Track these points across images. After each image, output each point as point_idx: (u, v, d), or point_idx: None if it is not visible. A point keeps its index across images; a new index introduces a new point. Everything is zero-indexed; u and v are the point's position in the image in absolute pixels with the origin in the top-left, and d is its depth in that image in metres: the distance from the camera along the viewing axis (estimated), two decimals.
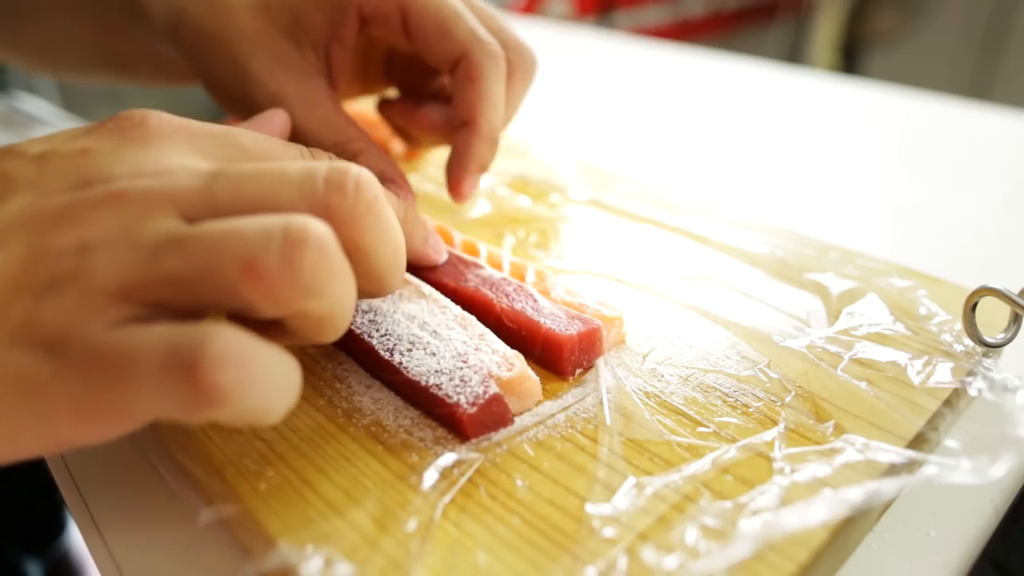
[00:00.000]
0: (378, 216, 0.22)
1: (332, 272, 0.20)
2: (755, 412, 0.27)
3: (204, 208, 0.21)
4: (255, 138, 0.25)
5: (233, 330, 0.18)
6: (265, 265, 0.19)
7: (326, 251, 0.19)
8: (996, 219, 0.52)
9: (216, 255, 0.19)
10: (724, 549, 0.21)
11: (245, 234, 0.19)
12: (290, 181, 0.22)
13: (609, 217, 0.43)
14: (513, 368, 0.27)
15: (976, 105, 0.73)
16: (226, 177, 0.22)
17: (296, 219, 0.19)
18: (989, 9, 2.32)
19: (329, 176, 0.22)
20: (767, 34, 2.70)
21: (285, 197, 0.21)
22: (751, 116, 0.74)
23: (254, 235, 0.19)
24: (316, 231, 0.19)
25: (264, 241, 0.19)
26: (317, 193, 0.21)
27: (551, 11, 2.02)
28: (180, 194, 0.21)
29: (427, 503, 0.23)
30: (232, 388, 0.18)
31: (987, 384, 0.28)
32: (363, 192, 0.22)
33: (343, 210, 0.21)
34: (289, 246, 0.19)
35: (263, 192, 0.21)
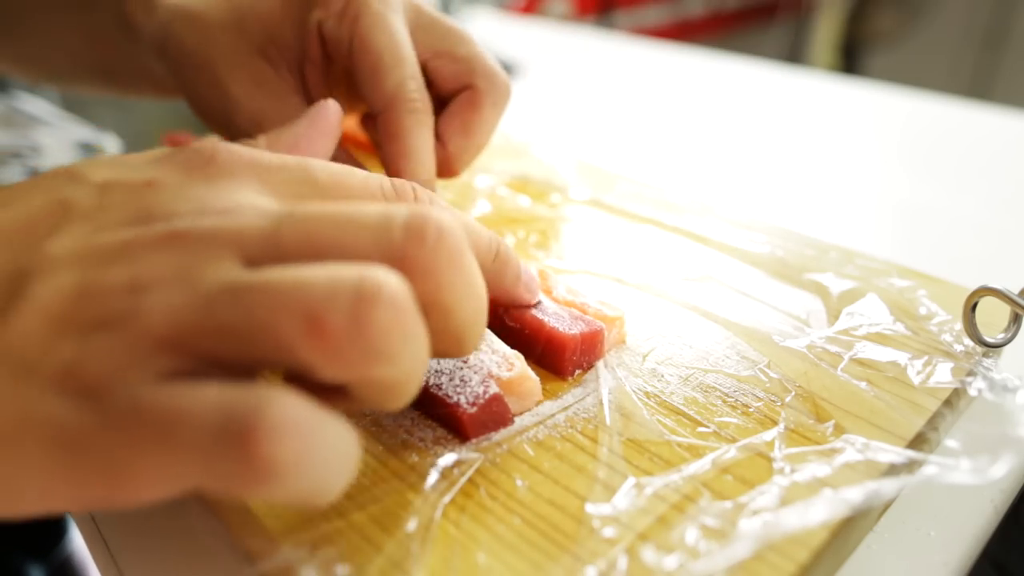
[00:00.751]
0: (460, 269, 0.20)
1: (406, 334, 0.18)
2: (755, 412, 0.27)
3: (269, 252, 0.19)
4: (331, 171, 0.23)
5: (294, 396, 0.17)
6: (331, 323, 0.17)
7: (401, 310, 0.17)
8: (996, 219, 0.52)
9: (277, 307, 0.17)
10: (724, 549, 0.21)
11: (311, 286, 0.17)
12: (365, 226, 0.20)
13: (609, 217, 0.43)
14: (513, 368, 0.27)
15: (976, 105, 0.73)
16: (295, 219, 0.20)
17: (370, 272, 0.17)
18: (989, 9, 2.32)
19: (409, 222, 0.20)
20: (767, 34, 2.70)
21: (358, 244, 0.19)
22: (751, 116, 0.74)
23: (321, 288, 0.17)
24: (391, 287, 0.17)
25: (332, 295, 0.17)
26: (394, 242, 0.19)
27: (551, 11, 2.02)
28: (244, 236, 0.19)
29: (427, 503, 0.23)
30: (289, 463, 0.16)
31: (987, 384, 0.28)
32: (445, 241, 0.20)
33: (422, 262, 0.19)
34: (360, 303, 0.17)
35: (334, 237, 0.19)
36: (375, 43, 0.32)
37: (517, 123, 0.70)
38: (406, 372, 0.18)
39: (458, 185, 0.48)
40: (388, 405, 0.20)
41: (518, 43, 0.99)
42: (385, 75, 0.32)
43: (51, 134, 0.62)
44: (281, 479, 0.16)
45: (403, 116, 0.32)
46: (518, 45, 0.98)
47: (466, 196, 0.46)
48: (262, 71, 0.33)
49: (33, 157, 0.58)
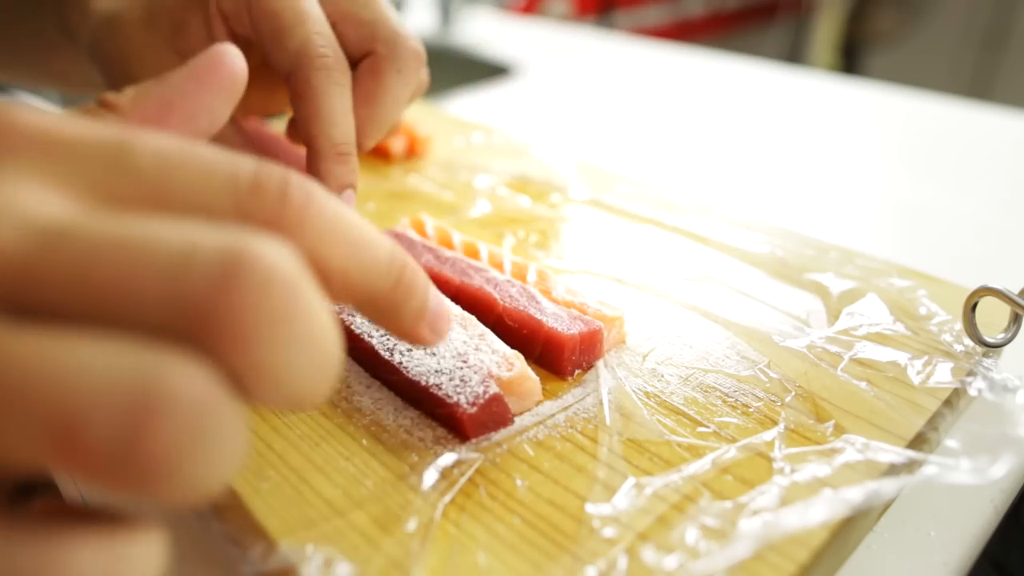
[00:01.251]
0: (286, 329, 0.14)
1: (207, 447, 0.13)
2: (755, 412, 0.27)
3: (23, 287, 0.14)
4: (162, 154, 0.17)
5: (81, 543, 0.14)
6: (90, 437, 0.12)
7: (199, 422, 0.13)
8: (996, 219, 0.52)
9: (15, 404, 0.12)
10: (724, 549, 0.21)
11: (68, 379, 0.12)
12: (158, 265, 0.14)
13: (609, 217, 0.43)
14: (513, 368, 0.27)
15: (976, 105, 0.73)
16: (69, 244, 0.14)
17: (156, 370, 0.13)
18: (989, 9, 2.32)
19: (218, 266, 0.14)
20: (767, 34, 2.70)
21: (146, 290, 0.14)
22: (751, 116, 0.74)
23: (83, 384, 0.12)
24: (183, 392, 0.13)
25: (94, 398, 0.12)
26: (194, 292, 0.14)
27: (551, 11, 2.02)
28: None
29: (427, 503, 0.23)
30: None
31: (987, 384, 0.28)
32: (265, 293, 0.14)
33: (228, 322, 0.14)
34: (135, 413, 0.12)
35: (115, 277, 0.14)
36: (273, 4, 0.30)
37: (517, 123, 0.70)
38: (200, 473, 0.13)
39: (458, 185, 0.48)
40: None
41: (518, 43, 0.99)
42: (288, 34, 0.29)
43: None
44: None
45: (311, 74, 0.29)
46: (518, 45, 0.98)
47: (466, 196, 0.46)
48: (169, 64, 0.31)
49: None
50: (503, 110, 0.75)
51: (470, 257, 0.35)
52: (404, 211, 0.44)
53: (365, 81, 0.32)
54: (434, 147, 0.54)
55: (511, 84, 0.83)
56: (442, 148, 0.54)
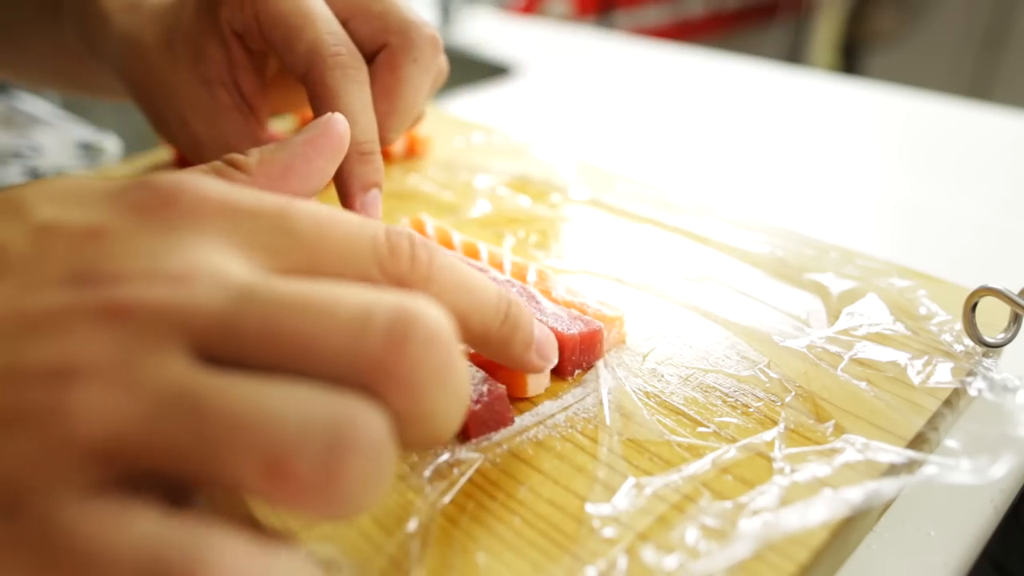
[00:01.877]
0: (445, 383, 0.17)
1: (382, 481, 0.15)
2: (755, 412, 0.27)
3: (223, 340, 0.16)
4: (316, 220, 0.19)
5: (237, 542, 0.14)
6: (298, 470, 0.14)
7: (378, 458, 0.15)
8: (996, 219, 0.52)
9: (237, 441, 0.15)
10: (724, 549, 0.21)
11: (279, 422, 0.15)
12: (339, 324, 0.16)
13: (609, 217, 0.43)
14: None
15: (976, 105, 0.73)
16: (258, 301, 0.16)
17: (348, 412, 0.15)
18: (989, 9, 2.32)
19: (393, 326, 0.16)
20: (767, 34, 2.70)
21: (329, 344, 0.16)
22: (751, 116, 0.74)
23: (291, 427, 0.15)
24: (371, 432, 0.15)
25: (302, 437, 0.14)
26: (372, 348, 0.16)
27: (551, 11, 2.02)
28: (197, 317, 0.16)
29: (427, 503, 0.23)
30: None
31: (987, 384, 0.28)
32: (432, 353, 0.16)
33: (401, 374, 0.16)
34: (335, 452, 0.14)
35: (302, 332, 0.16)
36: (279, 10, 0.30)
37: (517, 123, 0.70)
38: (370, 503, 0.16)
39: (458, 185, 0.48)
40: None
41: (518, 43, 0.99)
42: (297, 36, 0.29)
43: (51, 134, 0.62)
44: None
45: (326, 73, 0.29)
46: (518, 45, 0.98)
47: (466, 196, 0.46)
48: (195, 93, 0.32)
49: (33, 157, 0.58)
50: (503, 110, 0.75)
51: (470, 257, 0.35)
52: (404, 211, 0.44)
53: (382, 75, 0.31)
54: (434, 147, 0.54)
55: (511, 84, 0.83)
56: (442, 148, 0.54)
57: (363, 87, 0.30)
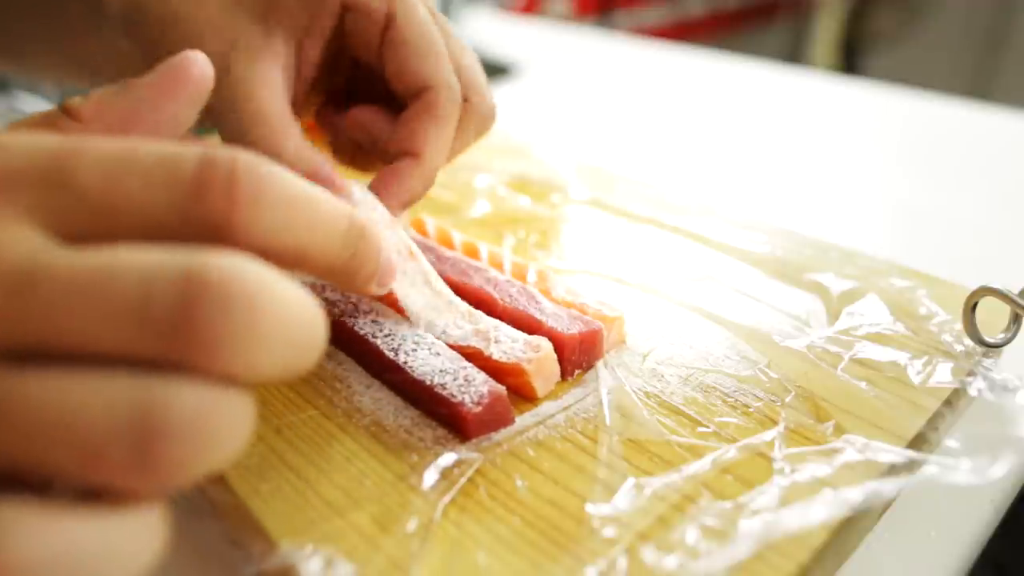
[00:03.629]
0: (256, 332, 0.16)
1: (209, 449, 0.15)
2: (755, 412, 0.27)
3: (13, 340, 0.15)
4: (105, 170, 0.17)
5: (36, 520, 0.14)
6: (113, 461, 0.14)
7: (197, 434, 0.15)
8: (996, 219, 0.52)
9: (45, 439, 0.14)
10: (724, 549, 0.21)
11: (84, 417, 0.14)
12: (119, 307, 0.15)
13: (609, 217, 0.43)
14: (540, 350, 0.28)
15: (976, 105, 0.73)
16: (38, 295, 0.15)
17: (150, 399, 0.15)
18: (989, 9, 2.32)
19: (178, 297, 0.15)
20: (767, 34, 2.70)
21: (115, 331, 0.15)
22: (751, 116, 0.74)
23: (97, 420, 0.14)
24: (180, 414, 0.15)
25: (109, 429, 0.14)
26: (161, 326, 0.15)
27: (551, 11, 2.02)
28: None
29: (427, 503, 0.23)
30: None
31: (987, 384, 0.28)
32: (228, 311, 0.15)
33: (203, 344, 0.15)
34: (145, 439, 0.14)
35: (84, 322, 0.15)
36: (416, 25, 0.31)
37: (517, 123, 0.70)
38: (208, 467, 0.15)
39: (458, 185, 0.48)
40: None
41: (518, 43, 0.99)
42: (430, 59, 0.31)
43: None
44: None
45: (446, 102, 0.32)
46: (518, 45, 0.98)
47: (466, 196, 0.46)
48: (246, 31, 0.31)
49: None
50: (503, 110, 0.75)
51: (470, 257, 0.35)
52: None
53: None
54: None
55: (511, 84, 0.83)
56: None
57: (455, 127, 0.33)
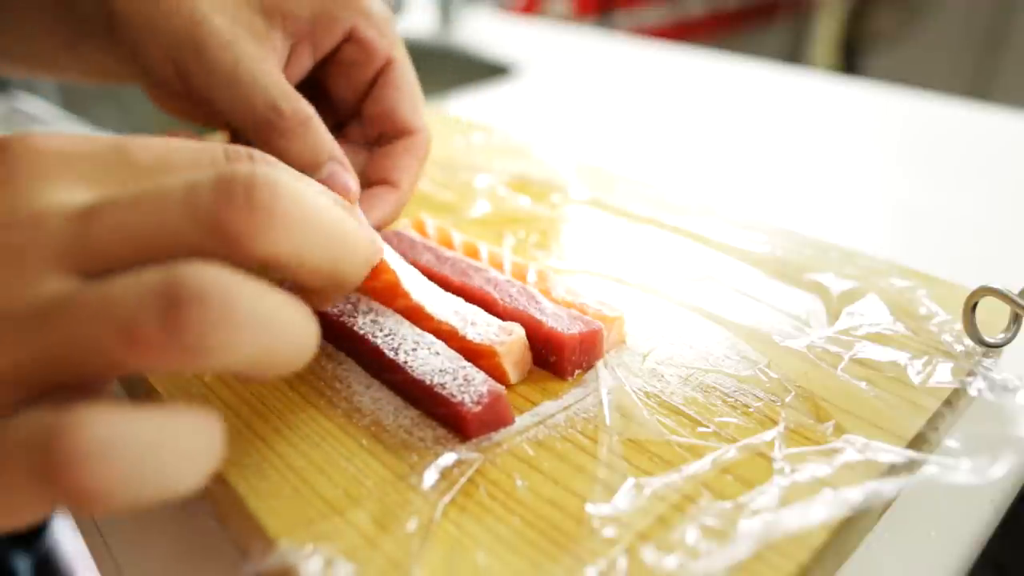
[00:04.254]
0: (286, 215, 0.19)
1: (230, 322, 0.17)
2: (755, 412, 0.27)
3: (84, 255, 0.18)
4: (152, 150, 0.21)
5: (97, 409, 0.16)
6: (145, 333, 0.16)
7: (213, 301, 0.17)
8: (996, 219, 0.52)
9: (91, 327, 0.17)
10: (724, 549, 0.21)
11: (120, 298, 0.17)
12: (173, 205, 0.18)
13: (609, 217, 0.43)
14: (513, 333, 0.29)
15: (976, 105, 0.73)
16: (102, 213, 0.18)
17: (173, 272, 0.17)
18: (989, 9, 2.32)
19: (216, 187, 0.18)
20: (767, 34, 2.70)
21: (169, 223, 0.18)
22: (751, 116, 0.74)
23: (129, 299, 0.16)
24: (196, 282, 0.16)
25: (139, 304, 0.16)
26: (206, 212, 0.18)
27: (551, 11, 2.02)
28: (54, 245, 0.18)
29: (427, 503, 0.23)
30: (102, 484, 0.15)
31: (987, 384, 0.28)
32: (258, 195, 0.18)
33: (241, 225, 0.18)
34: (168, 307, 0.16)
35: (145, 223, 0.18)
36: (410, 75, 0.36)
37: (517, 123, 0.70)
38: (257, 349, 0.18)
39: (458, 185, 0.48)
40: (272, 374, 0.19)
41: (518, 43, 0.99)
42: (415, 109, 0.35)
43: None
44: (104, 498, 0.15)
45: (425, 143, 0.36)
46: (518, 45, 0.98)
47: (466, 196, 0.46)
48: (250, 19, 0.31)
49: None
50: (503, 110, 0.75)
51: (470, 257, 0.35)
52: (404, 211, 0.44)
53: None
54: (434, 147, 0.54)
55: (511, 84, 0.83)
56: (442, 148, 0.54)
57: None
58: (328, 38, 0.34)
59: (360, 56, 0.34)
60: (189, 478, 0.17)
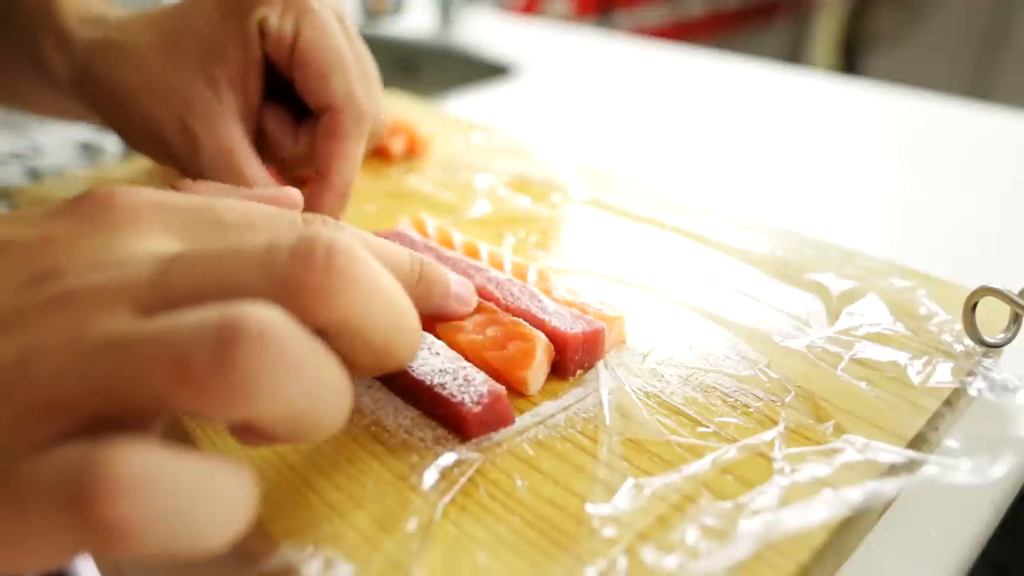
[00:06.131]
0: (358, 284, 0.19)
1: (281, 368, 0.17)
2: (755, 412, 0.27)
3: (159, 299, 0.18)
4: (239, 210, 0.22)
5: (143, 446, 0.16)
6: (196, 366, 0.16)
7: (270, 344, 0.16)
8: (996, 219, 0.52)
9: (144, 357, 0.16)
10: (724, 549, 0.21)
11: (177, 331, 0.17)
12: (250, 258, 0.19)
13: (609, 217, 0.43)
14: None
15: (976, 105, 0.73)
16: (184, 261, 0.19)
17: (233, 308, 0.17)
18: (989, 9, 2.32)
19: (296, 247, 0.19)
20: (767, 34, 2.70)
21: (244, 277, 0.18)
22: (751, 116, 0.74)
23: (186, 332, 0.16)
24: (255, 320, 0.16)
25: (194, 339, 0.16)
26: (280, 269, 0.18)
27: (551, 11, 2.02)
28: (133, 286, 0.18)
29: (427, 503, 0.23)
30: (138, 520, 0.15)
31: (987, 384, 0.28)
32: (336, 260, 0.19)
33: (313, 285, 0.18)
34: (223, 342, 0.16)
35: (221, 274, 0.19)
36: (320, 44, 0.33)
37: (517, 123, 0.70)
38: (298, 407, 0.17)
39: (458, 185, 0.48)
40: (305, 439, 0.19)
41: (518, 43, 0.99)
42: (334, 78, 0.33)
43: (51, 134, 0.62)
44: (134, 537, 0.15)
45: (349, 121, 0.33)
46: (518, 45, 0.98)
47: (466, 196, 0.46)
48: (197, 94, 0.33)
49: (33, 157, 0.58)
50: (503, 110, 0.75)
51: (470, 257, 0.35)
52: (404, 211, 0.44)
53: None
54: (434, 147, 0.54)
55: (511, 84, 0.83)
56: (442, 148, 0.54)
57: (365, 139, 0.34)
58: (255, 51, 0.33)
59: (272, 45, 0.33)
60: (220, 532, 0.17)
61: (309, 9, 0.33)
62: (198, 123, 0.33)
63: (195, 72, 0.33)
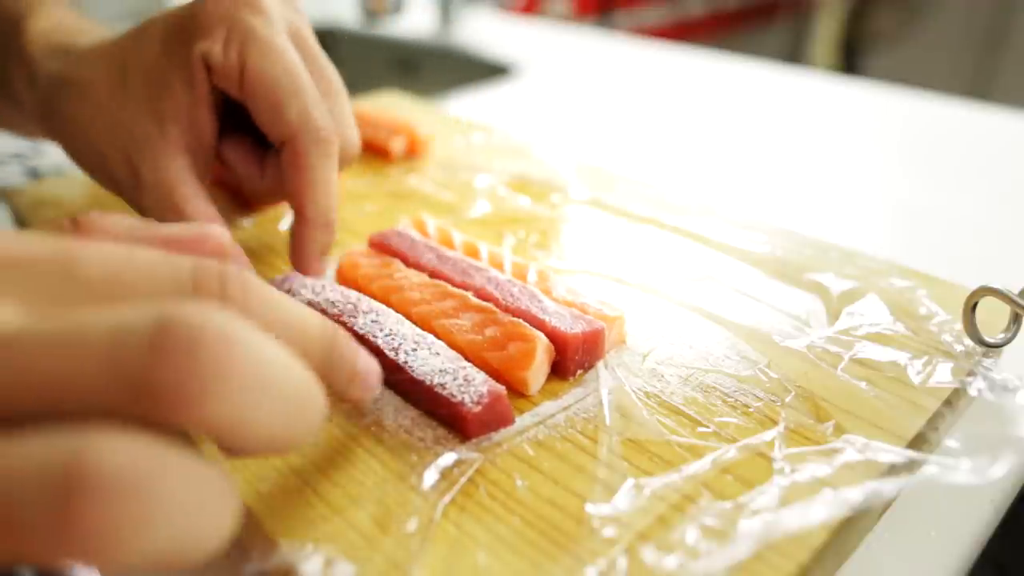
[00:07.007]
0: (229, 380, 0.15)
1: (137, 525, 0.14)
2: (755, 412, 0.27)
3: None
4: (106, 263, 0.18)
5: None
6: (30, 523, 0.13)
7: (124, 493, 0.13)
8: (996, 219, 0.52)
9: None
10: (724, 549, 0.21)
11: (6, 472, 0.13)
12: (94, 348, 0.15)
13: (609, 217, 0.43)
14: None
15: (976, 105, 0.73)
16: (12, 349, 0.15)
17: (76, 450, 0.13)
18: (989, 9, 2.32)
19: (154, 336, 0.15)
20: (767, 34, 2.70)
21: (86, 375, 0.15)
22: (751, 116, 0.74)
23: (15, 477, 0.13)
24: (105, 468, 0.13)
25: (25, 488, 0.13)
26: (129, 366, 0.14)
27: (551, 11, 2.02)
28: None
29: (427, 503, 0.23)
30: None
31: (987, 384, 0.28)
32: (200, 352, 0.15)
33: (169, 386, 0.14)
34: (64, 496, 0.13)
35: (60, 373, 0.15)
36: (269, 72, 0.31)
37: (517, 123, 0.70)
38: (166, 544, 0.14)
39: (458, 185, 0.48)
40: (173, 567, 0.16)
41: (518, 43, 0.99)
42: (287, 106, 0.31)
43: None
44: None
45: (310, 147, 0.31)
46: (518, 45, 0.98)
47: (466, 196, 0.46)
48: (143, 132, 0.32)
49: (33, 157, 0.58)
50: (503, 110, 0.75)
51: (470, 257, 0.35)
52: (404, 211, 0.44)
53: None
54: (434, 147, 0.54)
55: (511, 84, 0.83)
56: (442, 148, 0.54)
57: (335, 162, 0.32)
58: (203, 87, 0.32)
59: (220, 79, 0.32)
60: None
61: (254, 37, 0.31)
62: (140, 158, 0.32)
63: (140, 107, 0.32)
